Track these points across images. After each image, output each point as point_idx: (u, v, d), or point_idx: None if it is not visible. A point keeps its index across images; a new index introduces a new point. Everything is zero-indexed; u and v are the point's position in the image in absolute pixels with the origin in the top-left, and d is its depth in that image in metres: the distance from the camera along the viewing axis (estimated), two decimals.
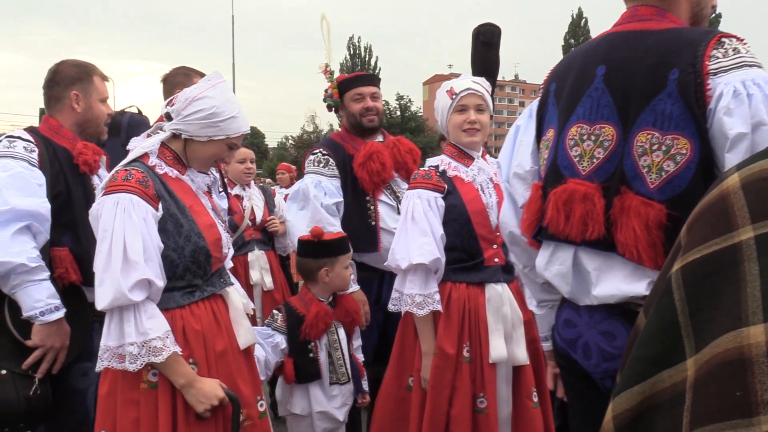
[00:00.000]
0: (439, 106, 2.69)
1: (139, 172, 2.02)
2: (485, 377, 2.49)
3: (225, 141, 2.15)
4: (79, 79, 2.61)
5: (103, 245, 1.93)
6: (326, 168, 3.31)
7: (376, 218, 3.27)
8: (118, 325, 1.91)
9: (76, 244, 2.47)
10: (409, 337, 2.64)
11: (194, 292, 2.09)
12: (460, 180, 2.63)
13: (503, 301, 2.56)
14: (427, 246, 2.47)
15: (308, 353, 2.77)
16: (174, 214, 2.05)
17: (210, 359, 2.08)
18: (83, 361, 2.52)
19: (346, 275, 2.88)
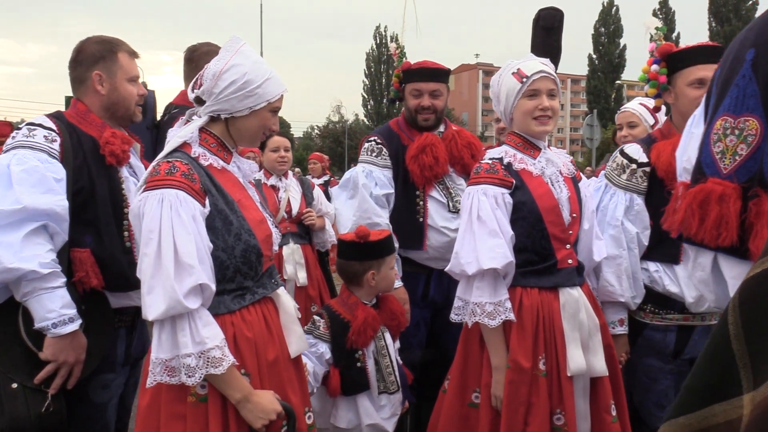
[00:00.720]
0: (503, 90, 2.41)
1: (183, 165, 1.82)
2: (563, 392, 2.24)
3: (267, 107, 1.95)
4: (102, 57, 2.35)
5: (149, 248, 1.73)
6: (379, 157, 3.16)
7: (425, 214, 3.09)
8: (171, 336, 1.73)
9: (99, 245, 2.25)
10: (473, 349, 2.39)
11: (245, 295, 1.91)
12: (528, 174, 2.36)
13: (579, 307, 2.31)
14: (498, 248, 2.22)
15: (356, 362, 2.57)
16: (222, 210, 1.86)
17: (262, 369, 1.91)
18: (105, 372, 2.33)
19: (392, 276, 2.68)
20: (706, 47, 2.52)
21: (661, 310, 2.54)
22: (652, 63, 2.54)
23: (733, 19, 44.87)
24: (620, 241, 2.50)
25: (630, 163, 2.55)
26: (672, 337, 2.52)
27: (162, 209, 1.74)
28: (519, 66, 2.38)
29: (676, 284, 2.48)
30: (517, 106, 2.37)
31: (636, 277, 2.52)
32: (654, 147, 2.53)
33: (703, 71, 2.43)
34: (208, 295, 1.78)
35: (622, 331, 2.54)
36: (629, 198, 2.54)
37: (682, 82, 2.48)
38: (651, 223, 2.52)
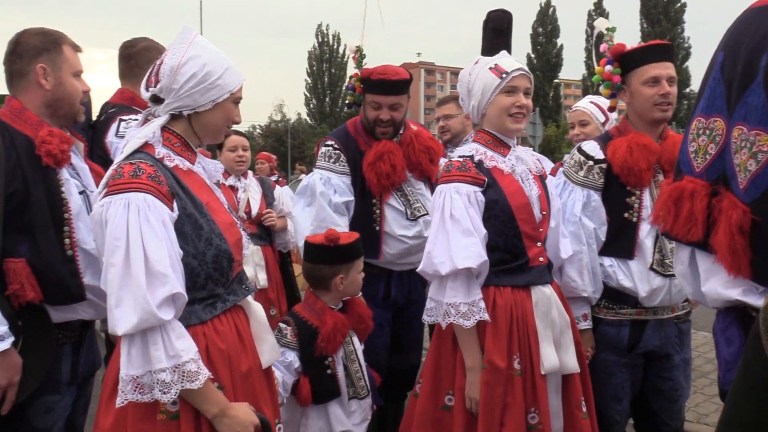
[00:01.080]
0: (477, 85, 2.36)
1: (149, 166, 1.70)
2: (537, 390, 2.23)
3: (230, 98, 1.86)
4: (45, 49, 2.16)
5: (115, 257, 1.60)
6: (337, 164, 3.06)
7: (381, 223, 3.02)
8: (142, 350, 1.60)
9: (36, 254, 2.05)
10: (446, 351, 2.34)
11: (216, 304, 1.81)
12: (499, 171, 2.33)
13: (551, 305, 2.30)
14: (472, 247, 2.18)
15: (326, 369, 2.50)
16: (191, 213, 1.76)
17: (235, 382, 1.82)
18: (48, 394, 2.13)
19: (360, 280, 2.62)
20: (658, 46, 2.57)
21: (614, 305, 2.58)
22: (605, 64, 2.57)
23: (663, 20, 46.69)
24: (580, 236, 2.53)
25: (587, 160, 2.58)
26: (626, 332, 2.57)
27: (129, 214, 1.62)
28: (496, 62, 2.35)
29: (630, 279, 2.52)
30: (493, 102, 2.34)
31: (595, 272, 2.56)
32: (610, 144, 2.57)
33: (656, 69, 2.48)
34: (180, 305, 1.67)
35: (586, 325, 2.57)
36: (586, 194, 2.57)
37: (636, 81, 2.51)
38: (608, 218, 2.56)
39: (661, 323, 2.57)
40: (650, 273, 2.49)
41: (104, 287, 1.64)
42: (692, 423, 4.07)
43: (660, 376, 2.63)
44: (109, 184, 1.69)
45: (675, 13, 47.12)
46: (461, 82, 2.46)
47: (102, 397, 1.77)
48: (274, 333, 2.43)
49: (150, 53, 2.95)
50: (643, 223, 2.51)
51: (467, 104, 2.44)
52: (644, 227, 2.51)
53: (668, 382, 2.63)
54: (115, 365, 1.74)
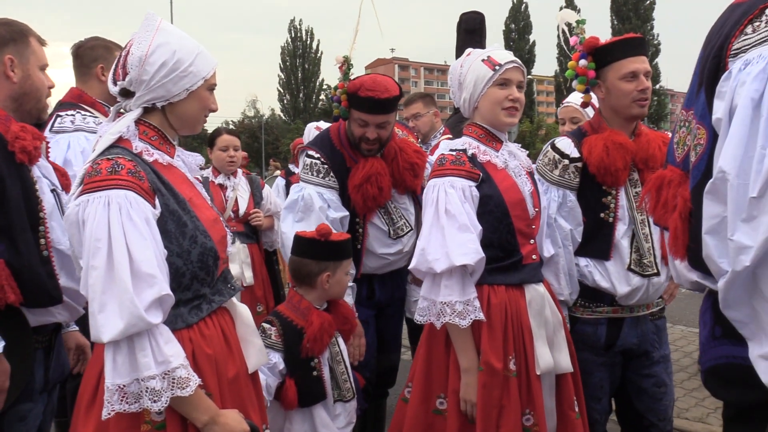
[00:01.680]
0: (469, 77, 2.28)
1: (127, 161, 1.60)
2: (532, 391, 2.17)
3: (204, 86, 1.76)
4: (12, 40, 2.05)
5: (96, 259, 1.50)
6: (327, 178, 2.89)
7: (363, 241, 2.92)
8: (129, 357, 1.51)
9: (14, 254, 1.93)
10: (438, 352, 2.26)
11: (201, 305, 1.73)
12: (493, 166, 2.26)
13: (544, 303, 2.25)
14: (470, 244, 2.10)
15: (311, 371, 2.41)
16: (174, 210, 1.66)
17: (223, 388, 1.74)
18: (22, 402, 2.02)
19: (346, 282, 2.54)
20: (633, 39, 2.48)
21: (591, 304, 2.52)
22: (579, 58, 2.46)
23: (633, 17, 47.30)
24: (555, 238, 2.46)
25: (562, 158, 2.51)
26: (603, 330, 2.51)
27: (110, 213, 1.52)
28: (489, 54, 2.28)
29: (607, 279, 2.46)
30: (485, 95, 2.27)
31: (572, 273, 2.49)
32: (585, 142, 2.49)
33: (634, 64, 2.40)
34: (167, 308, 1.58)
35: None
36: (562, 194, 2.50)
37: (613, 75, 2.42)
38: (584, 219, 2.49)
39: (638, 320, 2.53)
40: (628, 273, 2.43)
41: (84, 292, 1.54)
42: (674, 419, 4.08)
43: (640, 374, 2.58)
44: (85, 182, 1.58)
45: (645, 11, 47.75)
46: (452, 74, 2.38)
47: (78, 407, 1.67)
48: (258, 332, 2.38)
49: (95, 51, 2.92)
50: (620, 223, 2.45)
51: (458, 97, 2.37)
52: (620, 227, 2.45)
53: (650, 379, 2.58)
54: (93, 371, 1.65)
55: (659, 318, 2.63)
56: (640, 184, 2.48)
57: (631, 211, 2.46)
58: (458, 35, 4.85)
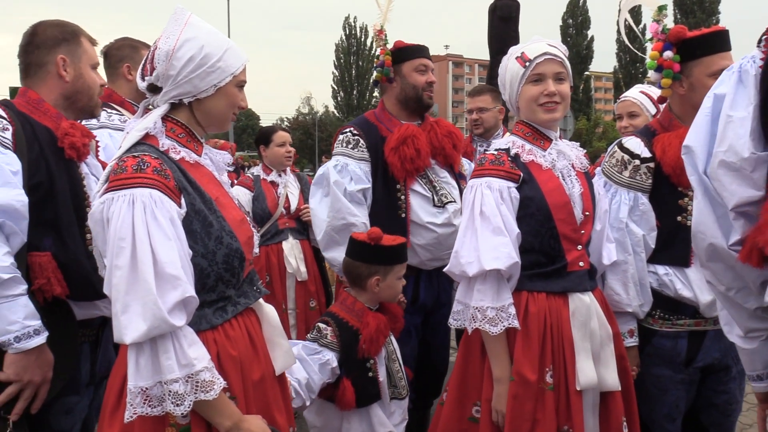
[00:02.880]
0: (507, 76, 2.21)
1: (153, 159, 1.56)
2: (571, 407, 2.03)
3: (233, 82, 1.71)
4: (65, 40, 2.10)
5: (120, 259, 1.46)
6: (356, 150, 2.91)
7: (407, 210, 2.86)
8: (152, 360, 1.48)
9: (61, 248, 1.98)
10: (474, 358, 2.16)
11: (226, 307, 1.68)
12: (537, 166, 2.14)
13: (590, 314, 2.09)
14: (502, 247, 1.99)
15: (368, 372, 2.38)
16: (200, 210, 1.62)
17: (248, 391, 1.69)
18: (68, 395, 2.05)
19: (398, 287, 2.47)
20: (722, 33, 2.26)
21: (671, 316, 2.32)
22: (662, 48, 2.26)
23: (697, 11, 45.56)
24: (625, 245, 2.29)
25: (632, 159, 2.33)
26: (683, 344, 2.31)
27: (134, 212, 1.48)
28: (523, 49, 2.17)
29: (689, 288, 2.27)
30: (521, 93, 2.17)
31: (643, 283, 2.30)
32: (657, 140, 2.31)
33: (723, 60, 2.19)
34: (192, 310, 1.54)
35: (632, 342, 2.32)
36: (633, 197, 2.32)
37: (700, 72, 2.22)
38: (657, 223, 2.30)
39: (721, 333, 2.31)
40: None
41: (107, 292, 1.50)
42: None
43: (715, 390, 2.38)
44: (110, 179, 1.55)
45: (710, 4, 45.91)
46: (499, 74, 2.29)
47: (105, 408, 1.64)
48: (313, 333, 2.39)
49: (121, 51, 2.97)
50: None
51: (504, 97, 2.30)
52: None
53: (723, 395, 2.38)
54: (118, 373, 1.62)
55: None
56: None
57: None
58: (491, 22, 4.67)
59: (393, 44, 3.00)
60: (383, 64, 2.95)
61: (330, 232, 2.83)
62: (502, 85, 2.28)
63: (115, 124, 2.83)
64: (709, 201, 1.39)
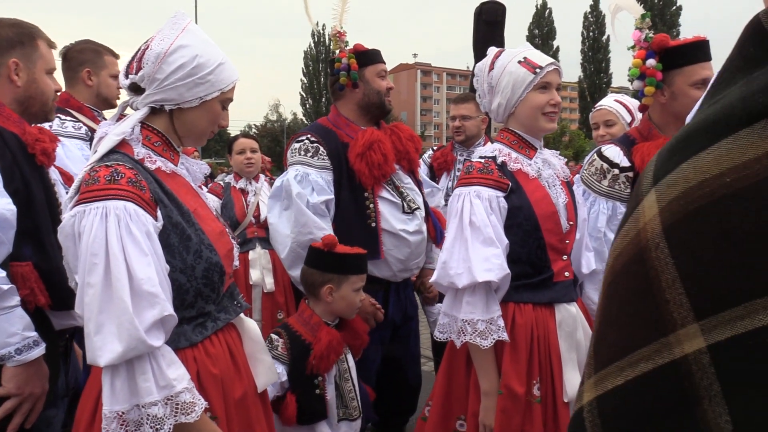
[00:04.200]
0: (506, 80, 2.11)
1: (127, 169, 1.48)
2: (559, 419, 2.00)
3: (219, 98, 1.64)
4: (20, 42, 2.01)
5: (93, 276, 1.38)
6: (315, 158, 2.73)
7: (377, 218, 2.73)
8: (128, 382, 1.39)
9: (41, 256, 1.91)
10: (458, 371, 2.12)
11: (206, 323, 1.61)
12: (524, 175, 2.10)
13: (576, 325, 2.08)
14: (494, 259, 1.95)
15: (314, 389, 2.30)
16: (178, 222, 1.54)
17: (229, 410, 1.64)
18: (47, 408, 1.97)
19: (353, 300, 2.37)
20: (704, 43, 2.27)
21: None
22: (646, 56, 2.26)
23: (658, 23, 46.62)
24: (603, 254, 2.28)
25: (611, 168, 2.33)
26: None
27: (108, 226, 1.40)
28: (525, 55, 2.12)
29: None
30: (525, 100, 2.10)
31: None
32: (636, 150, 2.31)
33: (705, 70, 2.21)
34: (170, 328, 1.46)
35: None
36: (612, 206, 2.32)
37: (682, 81, 2.23)
38: None
39: None
40: None
41: (79, 311, 1.41)
42: None
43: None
44: (81, 190, 1.46)
45: (671, 16, 47.12)
46: (479, 77, 2.21)
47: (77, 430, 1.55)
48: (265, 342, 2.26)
49: (83, 55, 2.90)
50: None
51: (488, 102, 2.20)
52: None
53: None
54: (90, 394, 1.53)
55: None
56: None
57: None
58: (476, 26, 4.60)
59: (353, 47, 2.87)
60: (349, 68, 2.80)
61: (296, 249, 2.64)
62: (488, 89, 2.19)
63: (68, 131, 2.75)
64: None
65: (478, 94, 2.26)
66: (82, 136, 2.80)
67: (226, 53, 1.69)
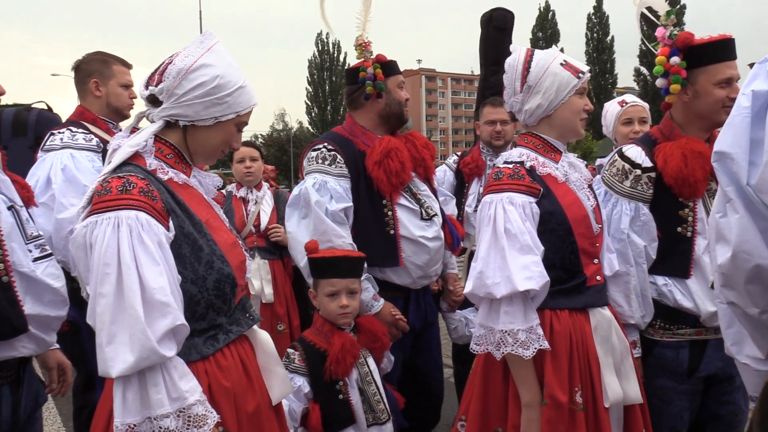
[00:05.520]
0: (550, 82, 2.07)
1: (140, 180, 1.49)
2: (601, 425, 1.97)
3: (234, 120, 1.65)
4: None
5: (105, 286, 1.39)
6: (333, 166, 2.71)
7: (396, 226, 2.72)
8: (140, 394, 1.39)
9: None
10: (495, 383, 2.07)
11: (218, 336, 1.60)
12: (553, 180, 2.07)
13: (611, 329, 2.06)
14: (533, 266, 1.90)
15: (337, 395, 2.30)
16: (189, 233, 1.55)
17: (242, 423, 1.62)
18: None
19: (327, 306, 2.36)
20: (729, 41, 2.22)
21: (671, 326, 2.29)
22: (670, 54, 2.21)
23: None
24: (627, 256, 2.24)
25: (633, 169, 2.29)
26: (685, 354, 2.27)
27: (120, 236, 1.41)
28: (564, 58, 2.10)
29: (689, 299, 2.24)
30: (566, 103, 2.08)
31: (645, 294, 2.26)
32: (658, 150, 2.27)
33: (730, 69, 2.17)
34: (182, 339, 1.47)
35: (636, 354, 2.28)
36: (634, 207, 2.28)
37: (706, 79, 2.19)
38: (658, 233, 2.28)
39: (723, 342, 2.31)
40: (712, 292, 2.19)
41: (91, 322, 1.41)
42: None
43: (720, 401, 2.35)
44: (93, 201, 1.47)
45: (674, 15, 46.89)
46: (510, 75, 2.15)
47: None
48: (283, 360, 2.27)
49: (90, 65, 2.92)
50: (699, 238, 2.23)
51: (520, 102, 2.14)
52: (700, 242, 2.23)
53: (728, 406, 2.35)
54: (104, 409, 1.53)
55: None
56: None
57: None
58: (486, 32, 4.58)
59: (376, 57, 2.87)
60: (374, 78, 2.80)
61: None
62: (525, 88, 2.11)
63: (79, 143, 2.77)
64: (753, 217, 1.23)
65: (507, 94, 2.20)
66: (93, 148, 2.81)
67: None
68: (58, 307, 1.93)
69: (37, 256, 1.89)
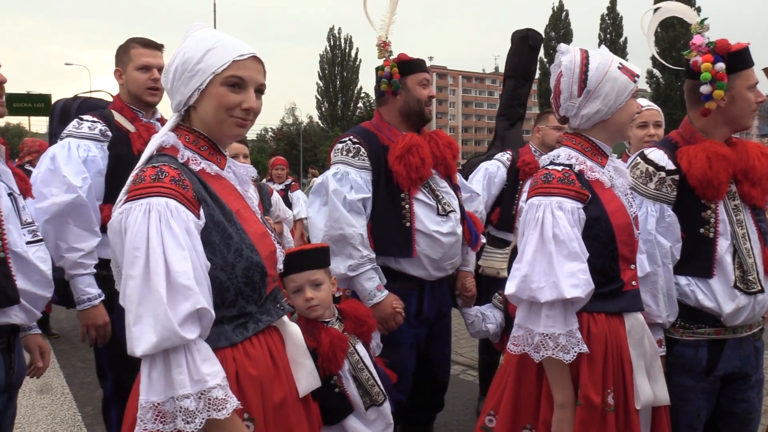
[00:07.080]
0: (610, 85, 2.05)
1: (172, 169, 1.55)
2: (631, 426, 2.01)
3: (217, 81, 1.62)
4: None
5: (134, 269, 1.43)
6: (356, 158, 2.88)
7: (412, 219, 2.84)
8: (164, 374, 1.43)
9: None
10: (529, 381, 2.09)
11: (247, 324, 1.64)
12: (600, 185, 2.08)
13: (644, 332, 2.10)
14: (581, 274, 1.91)
15: (333, 389, 2.33)
16: (219, 221, 1.59)
17: (267, 413, 1.64)
18: None
19: (297, 302, 2.38)
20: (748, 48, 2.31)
21: (691, 325, 2.35)
22: (714, 60, 2.25)
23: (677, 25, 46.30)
24: (655, 256, 2.29)
25: (657, 171, 2.34)
26: (704, 353, 2.34)
27: (149, 221, 1.46)
28: (621, 62, 2.12)
29: (711, 299, 2.29)
30: (624, 107, 2.09)
31: (671, 294, 2.32)
32: (681, 153, 2.33)
33: (755, 74, 2.27)
34: (207, 324, 1.50)
35: (661, 352, 2.33)
36: (659, 208, 2.33)
37: (742, 84, 2.25)
38: (682, 234, 2.33)
39: (740, 342, 2.36)
40: (734, 291, 2.27)
41: (122, 303, 1.47)
42: None
43: (734, 399, 2.41)
44: (129, 190, 1.54)
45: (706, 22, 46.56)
46: (568, 78, 2.11)
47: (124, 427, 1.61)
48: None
49: (117, 54, 3.00)
50: (721, 239, 2.29)
51: (576, 105, 2.10)
52: (722, 243, 2.29)
53: (742, 404, 2.41)
54: (137, 392, 1.56)
55: (758, 339, 2.46)
56: (737, 196, 2.34)
57: (731, 226, 2.30)
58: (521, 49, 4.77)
59: (397, 56, 2.98)
60: (390, 76, 2.92)
61: (327, 243, 2.74)
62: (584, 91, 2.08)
63: (81, 133, 2.83)
64: None
65: (564, 96, 2.14)
66: (95, 137, 2.85)
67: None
68: (43, 287, 2.15)
69: (29, 240, 2.14)
